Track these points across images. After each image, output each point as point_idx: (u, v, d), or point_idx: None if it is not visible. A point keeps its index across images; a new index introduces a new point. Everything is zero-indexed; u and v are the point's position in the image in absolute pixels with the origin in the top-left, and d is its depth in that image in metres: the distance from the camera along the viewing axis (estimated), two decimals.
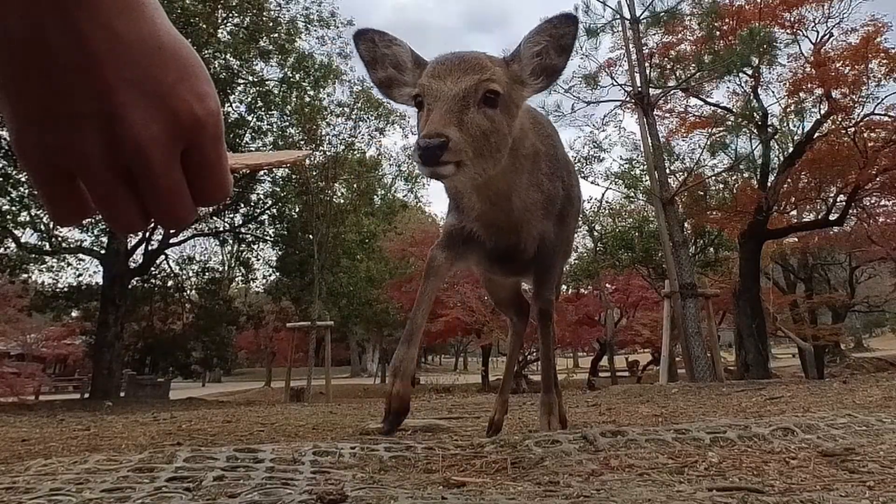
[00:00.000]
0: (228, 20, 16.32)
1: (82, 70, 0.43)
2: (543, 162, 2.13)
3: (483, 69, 1.69)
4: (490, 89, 1.67)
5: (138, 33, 0.45)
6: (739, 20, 13.25)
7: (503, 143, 1.72)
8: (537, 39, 1.77)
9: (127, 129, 0.45)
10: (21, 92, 0.44)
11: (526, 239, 2.17)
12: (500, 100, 1.69)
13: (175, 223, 0.52)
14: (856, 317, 30.71)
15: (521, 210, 2.08)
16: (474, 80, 1.65)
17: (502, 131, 1.71)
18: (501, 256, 2.21)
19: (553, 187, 2.19)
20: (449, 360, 52.79)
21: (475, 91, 1.64)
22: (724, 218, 15.79)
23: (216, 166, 0.52)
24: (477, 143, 1.60)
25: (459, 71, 1.67)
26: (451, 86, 1.63)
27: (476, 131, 1.61)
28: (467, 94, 1.63)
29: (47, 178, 0.48)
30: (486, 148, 1.65)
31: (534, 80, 1.80)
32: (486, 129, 1.65)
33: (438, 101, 1.62)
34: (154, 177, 0.48)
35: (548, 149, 2.19)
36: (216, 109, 0.50)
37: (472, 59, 1.71)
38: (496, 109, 1.68)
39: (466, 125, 1.59)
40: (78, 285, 18.46)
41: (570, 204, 2.39)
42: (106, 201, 0.49)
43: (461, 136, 1.55)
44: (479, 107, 1.65)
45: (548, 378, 2.49)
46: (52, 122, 0.45)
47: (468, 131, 1.58)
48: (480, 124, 1.63)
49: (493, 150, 1.68)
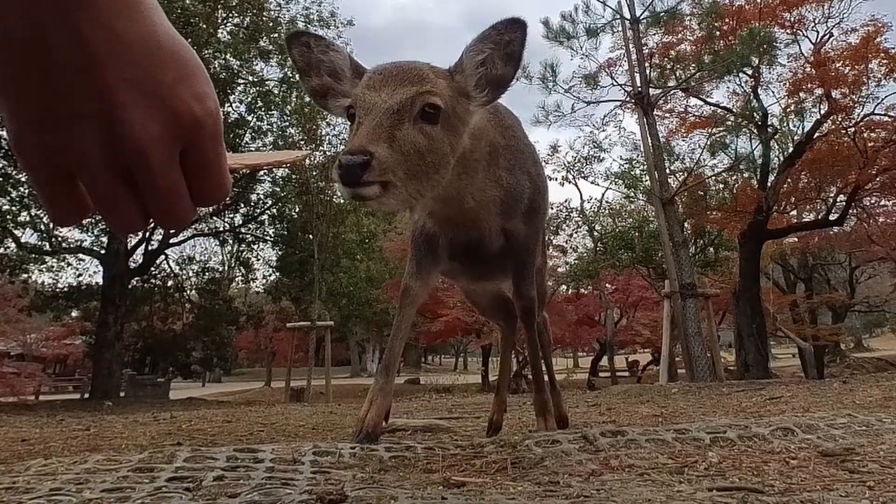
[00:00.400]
0: (228, 20, 16.33)
1: (82, 70, 0.43)
2: (502, 156, 2.02)
3: (423, 81, 1.54)
4: (429, 103, 1.52)
5: (138, 33, 0.45)
6: (739, 20, 13.25)
7: (442, 163, 1.56)
8: (480, 48, 1.60)
9: (126, 130, 0.45)
10: (21, 92, 0.44)
11: (489, 234, 2.09)
12: (441, 115, 1.54)
13: (174, 223, 0.52)
14: (856, 317, 30.72)
15: (477, 208, 1.97)
16: (412, 92, 1.50)
17: (442, 150, 1.55)
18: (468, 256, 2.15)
19: (515, 180, 2.07)
20: (449, 360, 52.83)
21: (411, 104, 1.49)
22: (724, 218, 15.79)
23: (215, 166, 0.52)
24: (409, 162, 1.44)
25: (396, 82, 1.51)
26: (386, 98, 1.48)
27: (409, 149, 1.45)
28: (402, 108, 1.47)
29: (47, 178, 0.48)
30: (421, 168, 1.47)
31: (479, 92, 1.64)
32: (422, 148, 1.48)
33: (370, 113, 1.46)
34: (153, 177, 0.48)
35: (508, 140, 2.08)
36: (215, 110, 0.50)
37: (411, 70, 1.56)
38: (436, 126, 1.53)
39: (398, 142, 1.43)
40: (78, 285, 18.49)
41: (540, 195, 2.27)
42: (105, 201, 0.49)
43: (390, 153, 1.39)
44: (416, 122, 1.49)
45: (538, 377, 2.46)
46: (51, 123, 0.45)
47: (400, 149, 1.42)
48: (415, 142, 1.47)
49: (429, 171, 1.51)
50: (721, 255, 20.81)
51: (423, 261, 2.13)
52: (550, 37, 12.34)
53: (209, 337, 21.72)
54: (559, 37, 12.32)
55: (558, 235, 21.26)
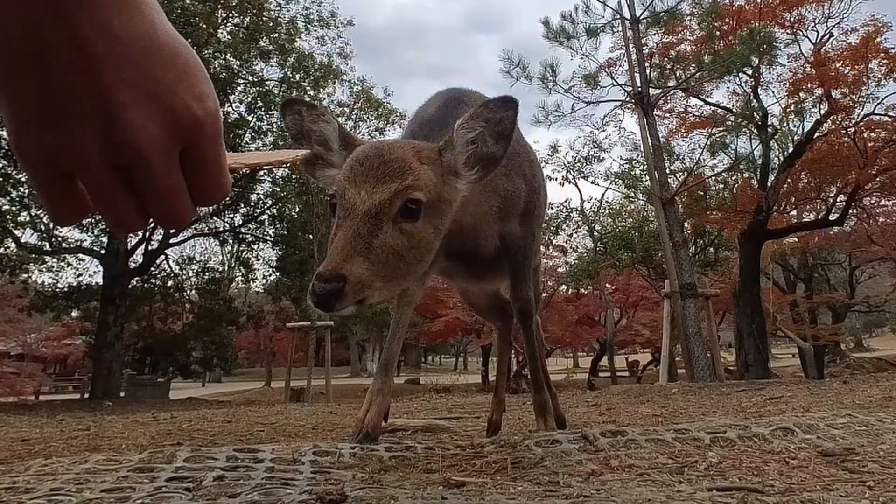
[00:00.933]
0: (228, 20, 16.33)
1: (81, 70, 0.43)
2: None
3: (405, 173, 1.43)
4: (411, 199, 1.42)
5: (137, 33, 0.45)
6: (739, 20, 13.25)
7: (425, 254, 1.49)
8: (471, 125, 1.53)
9: (126, 130, 0.45)
10: (20, 93, 0.44)
11: (485, 243, 2.07)
12: (423, 209, 1.44)
13: (174, 223, 0.52)
14: (856, 317, 30.74)
15: (474, 222, 1.93)
16: (391, 190, 1.39)
17: (425, 242, 1.47)
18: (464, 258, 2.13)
19: (512, 186, 2.05)
20: (449, 360, 52.83)
21: (390, 204, 1.39)
22: (724, 218, 15.78)
23: (215, 166, 0.52)
24: (388, 268, 1.37)
25: (376, 178, 1.41)
26: (365, 198, 1.38)
27: (387, 256, 1.36)
28: (381, 210, 1.37)
29: (47, 178, 0.48)
30: (401, 268, 1.41)
31: (468, 170, 1.56)
32: (402, 250, 1.40)
33: (348, 217, 1.37)
34: (153, 177, 0.48)
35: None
36: (215, 109, 0.50)
37: (393, 161, 1.45)
38: (417, 221, 1.43)
39: (375, 252, 1.34)
40: (78, 285, 18.48)
41: (536, 195, 2.23)
42: (105, 201, 0.49)
43: (366, 269, 1.31)
44: (396, 222, 1.40)
45: (537, 378, 2.47)
46: (51, 123, 0.45)
47: (377, 258, 1.34)
48: (395, 245, 1.38)
49: (409, 267, 1.44)
50: (721, 255, 20.80)
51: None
52: (550, 37, 12.33)
53: (209, 337, 21.71)
54: (559, 37, 12.32)
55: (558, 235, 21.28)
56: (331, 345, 13.27)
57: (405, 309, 2.16)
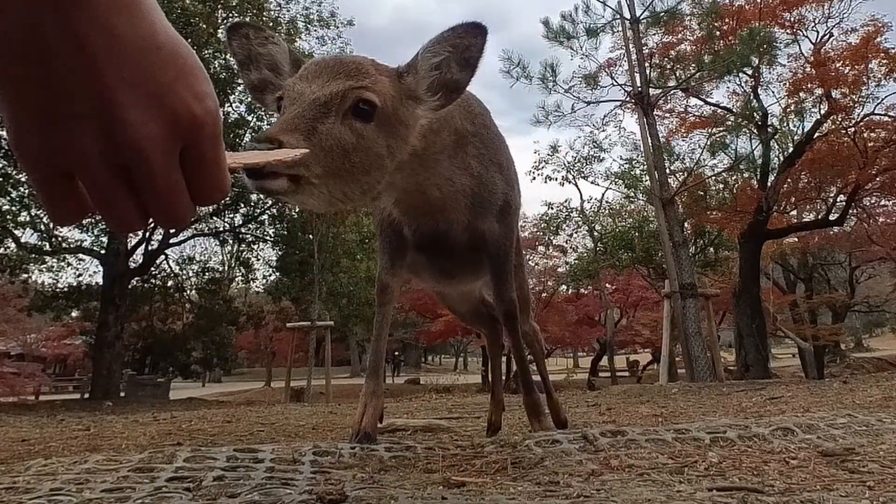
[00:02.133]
0: (228, 20, 16.32)
1: (81, 70, 0.43)
2: (471, 144, 1.92)
3: (360, 75, 1.43)
4: (363, 99, 1.40)
5: (137, 33, 0.45)
6: (739, 20, 13.26)
7: (374, 166, 1.43)
8: (437, 49, 1.50)
9: (126, 130, 0.45)
10: (20, 93, 0.44)
11: (458, 227, 1.97)
12: (376, 114, 1.43)
13: (174, 223, 0.52)
14: (856, 317, 30.75)
15: (444, 198, 1.87)
16: (344, 86, 1.38)
17: (374, 151, 1.43)
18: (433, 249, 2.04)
19: (485, 171, 1.97)
20: (449, 360, 52.84)
21: (342, 99, 1.37)
22: (724, 218, 15.79)
23: (215, 166, 0.52)
24: (330, 158, 1.32)
25: (330, 74, 1.41)
26: (315, 90, 1.37)
27: (331, 145, 1.32)
28: (331, 101, 1.36)
29: (46, 178, 0.48)
30: (345, 167, 1.36)
31: (430, 96, 1.53)
32: (347, 145, 1.36)
33: (294, 104, 1.35)
34: (153, 176, 0.48)
35: (477, 128, 1.98)
36: (215, 109, 0.50)
37: (349, 64, 1.45)
38: (368, 124, 1.41)
39: (318, 135, 1.30)
40: (78, 285, 18.47)
41: (512, 190, 2.15)
42: (105, 201, 0.49)
43: (304, 146, 1.25)
44: (345, 118, 1.38)
45: (526, 380, 2.36)
46: (51, 123, 0.45)
47: (319, 143, 1.30)
48: (340, 138, 1.35)
49: (355, 172, 1.39)
50: (721, 255, 20.82)
51: (394, 254, 2.08)
52: (550, 37, 12.34)
53: (209, 337, 21.71)
54: (559, 37, 12.32)
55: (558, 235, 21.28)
56: (331, 345, 13.26)
57: (388, 307, 2.11)
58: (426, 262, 2.16)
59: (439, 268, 2.22)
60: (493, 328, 2.87)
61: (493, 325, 2.85)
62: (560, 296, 22.95)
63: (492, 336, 2.94)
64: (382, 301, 2.10)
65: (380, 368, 2.15)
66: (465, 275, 2.28)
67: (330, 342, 13.11)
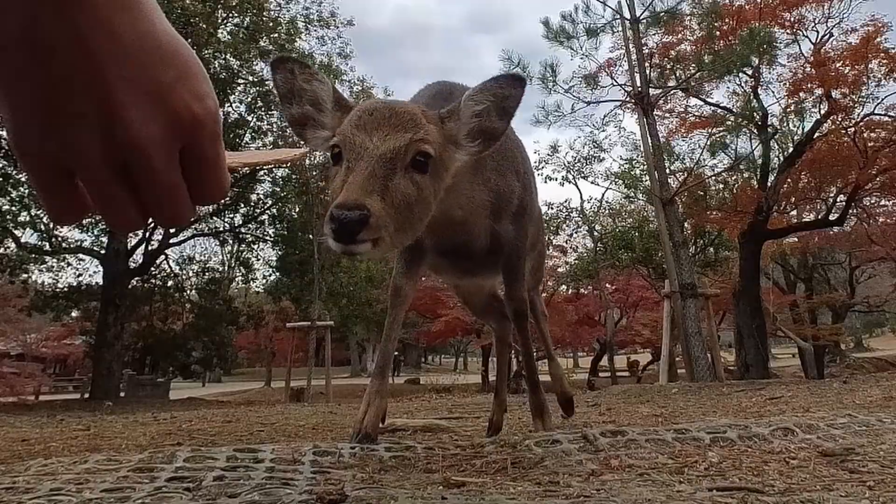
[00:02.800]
0: (228, 20, 16.32)
1: (83, 69, 0.43)
2: (490, 158, 1.92)
3: (416, 127, 1.46)
4: (422, 151, 1.44)
5: (137, 32, 0.45)
6: (739, 20, 13.25)
7: (426, 213, 1.50)
8: (479, 98, 1.54)
9: (126, 129, 0.45)
10: (20, 92, 0.44)
11: (477, 238, 2.04)
12: (430, 164, 1.47)
13: (174, 222, 0.52)
14: (856, 317, 30.74)
15: (465, 216, 1.92)
16: (405, 139, 1.42)
17: (428, 200, 1.48)
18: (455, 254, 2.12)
19: (504, 182, 2.02)
20: (449, 360, 52.81)
21: (405, 153, 1.41)
22: (724, 218, 15.78)
23: (215, 165, 0.52)
24: (400, 215, 1.36)
25: (389, 126, 1.43)
26: (378, 143, 1.39)
27: (401, 202, 1.36)
28: (395, 157, 1.39)
29: (47, 178, 0.48)
30: (409, 220, 1.40)
31: (469, 142, 1.57)
32: (412, 199, 1.40)
33: (361, 159, 1.37)
34: (153, 175, 0.48)
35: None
36: (214, 109, 0.50)
37: (404, 114, 1.47)
38: (425, 175, 1.45)
39: (391, 194, 1.34)
40: (78, 285, 18.47)
41: (529, 194, 2.21)
42: (105, 200, 0.49)
43: (383, 207, 1.30)
44: (407, 171, 1.41)
45: (534, 379, 2.41)
46: (52, 122, 0.45)
47: (392, 202, 1.34)
48: (406, 193, 1.39)
49: (414, 222, 1.44)
50: (721, 255, 20.81)
51: (411, 259, 2.14)
52: (550, 37, 12.33)
53: (209, 337, 21.70)
54: (559, 37, 12.32)
55: (558, 235, 21.28)
56: (331, 345, 13.26)
57: (400, 309, 2.15)
58: (448, 265, 2.24)
59: (461, 268, 2.28)
60: (503, 325, 2.88)
61: (502, 322, 2.86)
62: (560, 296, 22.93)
63: (500, 332, 2.95)
64: (395, 303, 2.14)
65: (386, 369, 2.18)
66: (484, 272, 2.33)
67: (330, 342, 13.11)
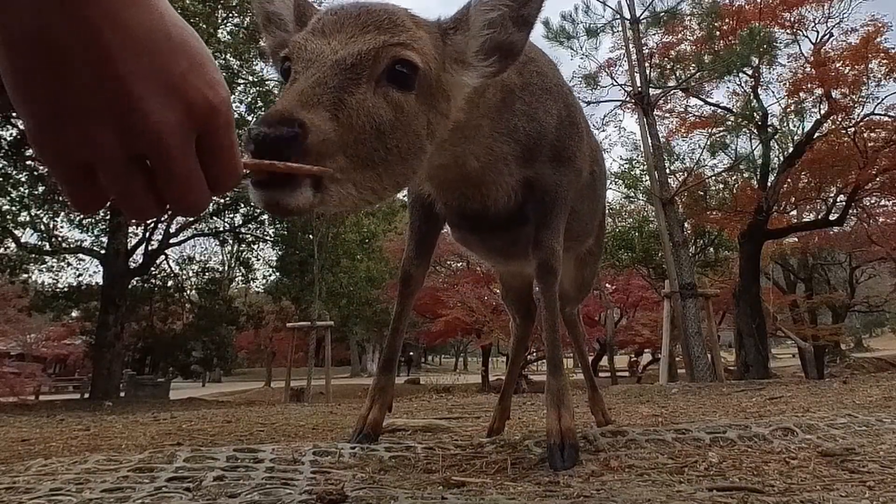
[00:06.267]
0: (228, 20, 16.33)
1: (96, 64, 0.44)
2: (519, 99, 1.58)
3: (396, 29, 1.10)
4: (402, 59, 1.08)
5: (147, 25, 0.46)
6: (739, 20, 13.25)
7: (411, 150, 1.10)
8: (492, 3, 1.22)
9: (143, 120, 0.46)
10: (36, 90, 0.45)
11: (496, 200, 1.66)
12: (418, 79, 1.11)
13: (191, 210, 0.53)
14: (856, 317, 30.72)
15: (483, 168, 1.56)
16: (376, 42, 1.05)
17: (413, 130, 1.10)
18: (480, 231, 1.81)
19: (537, 126, 1.62)
20: (449, 360, 52.80)
21: (374, 59, 1.04)
22: (724, 218, 15.79)
23: (230, 152, 0.53)
24: (359, 143, 0.98)
25: (355, 27, 1.07)
26: (337, 47, 1.03)
27: (362, 123, 0.99)
28: (360, 63, 1.02)
29: (67, 171, 0.49)
30: (377, 154, 1.02)
31: (482, 60, 1.24)
32: (383, 123, 1.03)
33: (310, 67, 1.01)
34: (172, 164, 0.49)
35: (528, 78, 1.63)
36: (227, 96, 0.52)
37: (380, 13, 1.11)
38: (409, 94, 1.09)
39: (347, 110, 0.97)
40: (78, 285, 18.47)
41: (573, 139, 1.77)
42: (124, 191, 0.50)
43: (332, 128, 0.93)
44: (379, 85, 1.05)
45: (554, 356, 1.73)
46: (68, 118, 0.45)
47: (347, 122, 0.96)
48: (374, 113, 1.02)
49: (390, 160, 1.05)
50: (721, 255, 20.81)
51: (421, 240, 1.87)
52: (550, 37, 12.35)
53: (209, 337, 21.71)
54: (559, 37, 12.33)
55: None
56: (331, 345, 13.26)
57: (409, 299, 1.90)
58: (476, 242, 1.94)
59: (489, 247, 1.96)
60: (526, 323, 2.60)
61: (526, 319, 2.58)
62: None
63: (521, 330, 2.65)
64: (405, 292, 1.87)
65: (392, 363, 1.99)
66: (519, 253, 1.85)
67: (330, 342, 13.11)
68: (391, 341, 1.97)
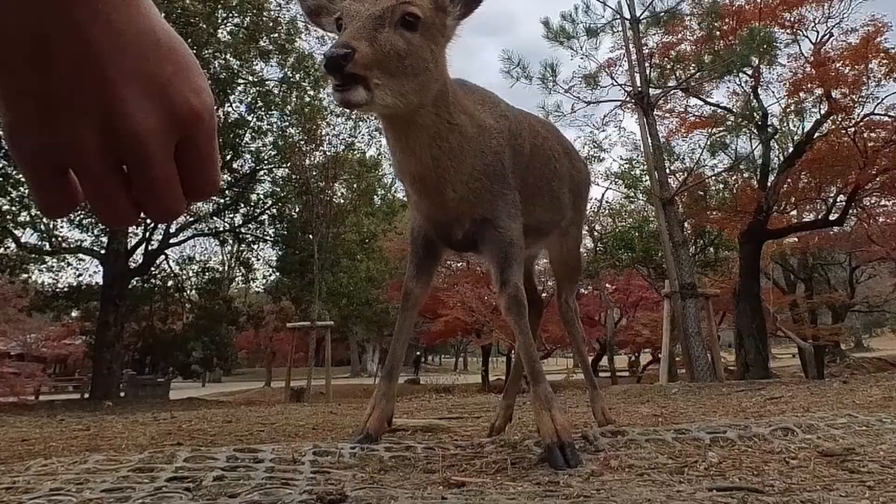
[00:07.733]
0: (228, 20, 16.32)
1: (84, 65, 0.44)
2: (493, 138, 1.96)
3: None
4: (409, 12, 1.66)
5: (136, 27, 0.45)
6: (739, 20, 13.25)
7: (422, 69, 1.68)
8: None
9: (126, 123, 0.46)
10: (20, 89, 0.45)
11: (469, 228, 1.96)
12: (420, 24, 1.68)
13: (166, 216, 0.52)
14: (856, 317, 30.69)
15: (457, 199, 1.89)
16: (393, 1, 1.65)
17: (422, 56, 1.68)
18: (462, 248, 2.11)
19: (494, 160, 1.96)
20: (449, 360, 52.80)
21: (392, 12, 1.63)
22: (724, 218, 15.78)
23: (209, 160, 0.52)
24: (389, 61, 1.58)
25: None
26: (369, 6, 1.63)
27: (389, 49, 1.58)
28: (384, 15, 1.62)
29: (41, 172, 0.48)
30: (401, 69, 1.62)
31: (454, 6, 1.78)
32: (402, 50, 1.62)
33: (353, 20, 1.61)
34: (150, 168, 0.48)
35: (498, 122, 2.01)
36: (211, 104, 0.51)
37: None
38: (415, 33, 1.67)
39: (379, 41, 1.56)
40: (78, 285, 18.47)
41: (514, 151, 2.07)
42: (98, 194, 0.49)
43: (370, 49, 1.53)
44: (396, 28, 1.63)
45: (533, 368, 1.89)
46: (49, 117, 0.45)
47: (380, 47, 1.56)
48: (395, 44, 1.60)
49: (409, 73, 1.64)
50: (721, 255, 20.82)
51: (420, 263, 2.13)
52: (550, 37, 12.34)
53: (209, 337, 21.72)
54: (559, 37, 12.33)
55: None
56: (331, 345, 13.26)
57: (410, 312, 2.14)
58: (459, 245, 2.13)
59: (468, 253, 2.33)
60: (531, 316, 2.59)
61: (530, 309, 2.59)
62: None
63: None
64: (405, 306, 2.15)
65: (395, 371, 2.15)
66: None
67: (330, 342, 13.10)
68: (394, 349, 2.15)
